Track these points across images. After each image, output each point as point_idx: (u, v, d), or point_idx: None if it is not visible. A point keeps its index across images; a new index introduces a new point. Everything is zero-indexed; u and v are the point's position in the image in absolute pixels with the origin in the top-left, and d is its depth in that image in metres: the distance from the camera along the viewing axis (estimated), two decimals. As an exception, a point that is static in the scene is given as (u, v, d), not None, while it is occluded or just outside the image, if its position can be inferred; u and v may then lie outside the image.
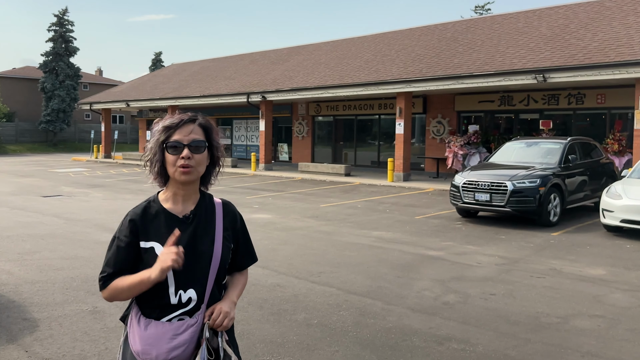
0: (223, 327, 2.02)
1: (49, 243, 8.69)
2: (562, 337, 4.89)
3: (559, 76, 15.10)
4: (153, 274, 1.96)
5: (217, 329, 2.02)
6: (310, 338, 4.80)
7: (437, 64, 18.68)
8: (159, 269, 1.94)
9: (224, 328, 2.03)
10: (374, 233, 9.83)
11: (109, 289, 2.07)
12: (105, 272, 2.08)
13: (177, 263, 1.92)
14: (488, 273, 7.11)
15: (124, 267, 2.07)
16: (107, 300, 2.13)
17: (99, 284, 2.11)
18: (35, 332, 4.88)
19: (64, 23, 46.08)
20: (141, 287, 2.01)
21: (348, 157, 25.48)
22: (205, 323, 2.00)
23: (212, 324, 2.00)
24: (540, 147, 12.21)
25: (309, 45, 29.14)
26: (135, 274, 2.03)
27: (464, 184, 11.08)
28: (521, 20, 20.53)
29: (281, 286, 6.40)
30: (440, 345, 4.68)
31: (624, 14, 17.30)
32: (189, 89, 28.20)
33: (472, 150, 19.35)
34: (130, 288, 2.03)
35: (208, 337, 1.99)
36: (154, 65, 58.08)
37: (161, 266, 1.94)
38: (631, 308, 5.73)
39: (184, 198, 2.13)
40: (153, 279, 1.96)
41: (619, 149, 16.22)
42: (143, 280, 1.99)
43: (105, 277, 2.08)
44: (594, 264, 7.64)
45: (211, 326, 2.00)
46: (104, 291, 2.09)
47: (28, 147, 43.88)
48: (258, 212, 12.30)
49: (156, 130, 2.09)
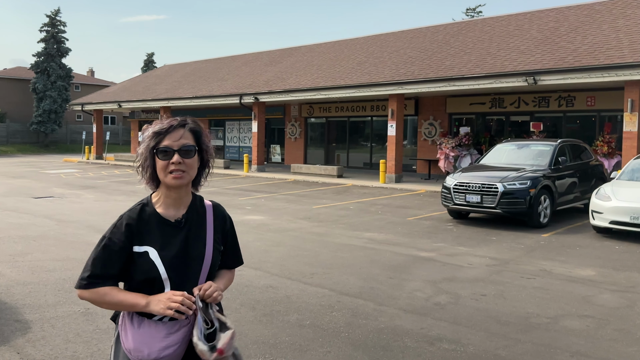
0: (213, 299, 2.05)
1: (41, 244, 8.66)
2: (551, 337, 4.94)
3: (550, 79, 15.22)
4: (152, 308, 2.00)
5: (206, 300, 2.05)
6: (303, 339, 4.82)
7: (429, 66, 18.77)
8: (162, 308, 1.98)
9: (213, 300, 2.05)
10: (366, 234, 9.87)
11: (94, 293, 2.06)
12: (91, 273, 2.06)
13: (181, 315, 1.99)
14: (479, 274, 7.17)
15: (111, 271, 2.07)
16: (84, 300, 2.11)
17: (80, 282, 2.08)
18: (27, 333, 4.87)
19: (56, 23, 45.84)
20: (129, 309, 2.06)
21: (340, 159, 25.52)
22: (197, 295, 2.03)
23: (203, 293, 2.04)
24: (531, 149, 12.30)
25: (302, 47, 29.18)
26: (130, 295, 2.05)
27: (455, 186, 11.15)
28: (512, 23, 20.67)
29: (274, 287, 6.42)
30: (432, 345, 4.72)
31: (613, 18, 17.46)
32: (181, 90, 28.14)
33: (463, 152, 19.44)
34: (118, 304, 2.07)
35: (202, 307, 2.03)
36: (146, 66, 57.86)
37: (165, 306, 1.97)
38: (620, 308, 5.80)
39: (176, 201, 2.15)
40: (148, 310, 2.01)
41: (609, 151, 16.35)
42: (135, 305, 2.03)
43: (90, 278, 2.06)
44: (583, 265, 7.72)
45: (202, 296, 2.04)
46: (87, 292, 2.07)
47: (19, 148, 43.58)
48: (251, 213, 12.31)
49: (146, 136, 2.12)
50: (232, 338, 2.03)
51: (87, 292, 2.07)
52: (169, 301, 1.97)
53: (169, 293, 2.01)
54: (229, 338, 2.02)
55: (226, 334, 2.02)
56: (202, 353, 1.96)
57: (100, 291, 2.06)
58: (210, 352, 1.97)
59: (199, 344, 1.97)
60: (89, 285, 2.06)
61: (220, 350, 1.98)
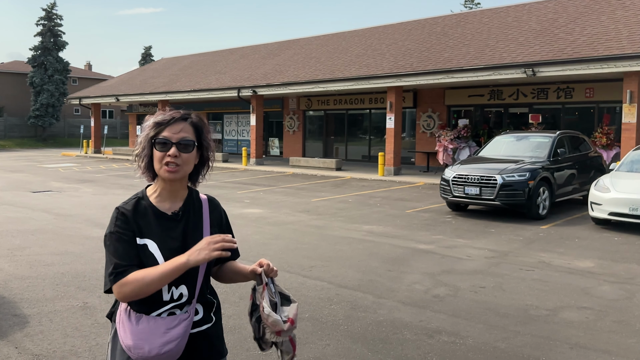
0: (274, 273, 2.11)
1: (39, 239, 8.64)
2: (550, 329, 4.94)
3: (548, 70, 15.19)
4: (193, 258, 1.91)
5: (270, 275, 2.11)
6: (302, 332, 4.82)
7: (428, 59, 18.71)
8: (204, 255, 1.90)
9: (275, 274, 2.12)
10: (365, 227, 9.87)
11: (130, 283, 1.91)
12: (118, 264, 1.95)
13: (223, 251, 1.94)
14: (478, 266, 7.17)
15: (134, 258, 1.98)
16: (125, 299, 1.96)
17: (108, 279, 1.95)
18: (25, 328, 4.86)
19: (53, 17, 45.67)
20: (174, 275, 1.93)
21: (339, 152, 25.50)
22: (262, 270, 2.10)
23: (267, 268, 2.10)
24: (530, 141, 12.29)
25: (300, 39, 29.08)
26: (166, 263, 1.94)
27: (454, 178, 11.13)
28: (511, 15, 20.60)
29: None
30: (431, 338, 4.72)
31: (612, 9, 17.40)
32: (179, 83, 28.06)
33: (462, 144, 19.43)
34: (163, 277, 1.92)
35: (267, 282, 2.09)
36: (143, 59, 57.69)
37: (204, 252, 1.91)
38: (618, 300, 5.80)
39: (172, 194, 2.12)
40: (192, 263, 1.91)
41: (607, 143, 16.35)
42: (178, 267, 1.92)
43: (118, 270, 1.94)
44: (582, 257, 7.72)
45: (266, 272, 2.10)
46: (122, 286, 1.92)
47: (17, 142, 43.51)
48: (249, 207, 12.30)
49: (147, 125, 2.09)
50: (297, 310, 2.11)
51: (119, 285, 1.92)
52: (210, 245, 1.92)
53: (206, 239, 1.95)
54: (296, 309, 2.09)
55: (293, 306, 2.09)
56: (275, 323, 2.00)
57: (136, 275, 1.92)
58: (283, 322, 2.02)
59: (271, 315, 2.00)
60: (119, 276, 1.93)
61: (291, 320, 2.04)
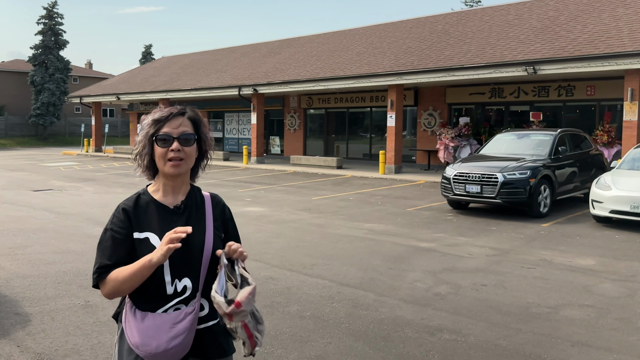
0: (239, 254, 2.04)
1: (40, 237, 8.65)
2: (552, 326, 4.94)
3: (549, 68, 15.17)
4: (155, 257, 1.93)
5: (233, 256, 2.05)
6: (304, 330, 4.82)
7: (429, 57, 18.69)
8: (161, 251, 1.91)
9: (239, 255, 2.04)
10: (366, 225, 9.87)
11: (108, 282, 2.00)
12: (102, 264, 2.02)
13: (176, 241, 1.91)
14: (479, 264, 7.17)
15: (121, 259, 2.02)
16: (107, 297, 2.05)
17: (93, 277, 2.04)
18: (27, 326, 4.87)
19: (53, 16, 45.63)
20: (143, 274, 1.97)
21: (340, 150, 25.49)
22: (223, 252, 2.04)
23: (228, 249, 2.04)
24: (531, 139, 12.28)
25: (301, 37, 29.06)
26: (135, 263, 1.98)
27: (455, 176, 11.13)
28: (511, 13, 20.58)
29: (274, 279, 6.41)
30: (433, 336, 4.72)
31: (613, 6, 17.37)
32: (180, 82, 28.05)
33: (463, 142, 19.42)
34: (132, 276, 1.97)
35: (226, 263, 2.03)
36: (144, 58, 57.65)
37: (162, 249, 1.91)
38: (620, 298, 5.80)
39: (174, 189, 2.14)
40: (155, 262, 1.93)
41: (609, 141, 16.34)
42: (145, 265, 1.95)
43: (101, 270, 2.02)
44: (583, 255, 7.72)
45: (227, 253, 2.03)
46: (103, 285, 2.02)
47: (18, 141, 43.52)
48: (250, 205, 12.30)
49: (145, 124, 2.10)
50: (252, 293, 1.99)
51: (105, 284, 2.01)
52: (163, 244, 1.92)
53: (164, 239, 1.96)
54: (248, 292, 1.98)
55: (245, 289, 1.99)
56: (219, 305, 1.95)
57: (111, 277, 2.00)
58: (227, 305, 1.94)
59: (216, 297, 1.95)
60: (100, 277, 2.02)
61: (237, 303, 1.95)
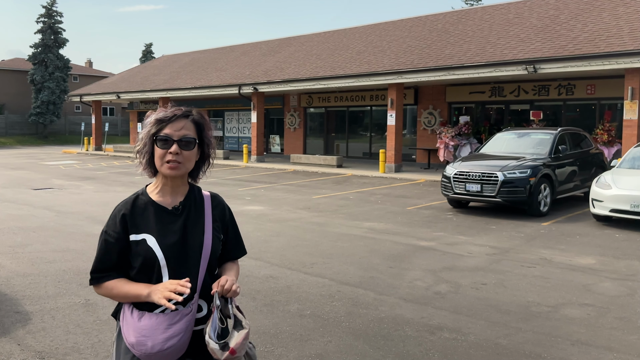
0: (232, 293, 2.00)
1: (41, 236, 8.65)
2: (552, 325, 4.94)
3: (549, 67, 15.16)
4: (152, 297, 1.98)
5: (226, 296, 2.00)
6: (304, 329, 4.82)
7: (429, 55, 18.68)
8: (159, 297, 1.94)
9: (233, 293, 2.00)
10: (366, 224, 9.87)
11: (103, 288, 2.11)
12: (94, 268, 2.11)
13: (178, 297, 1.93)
14: (479, 263, 7.17)
15: (111, 264, 2.09)
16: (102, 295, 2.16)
17: (89, 278, 2.14)
18: (27, 325, 4.87)
19: (53, 14, 45.59)
20: (134, 299, 2.05)
21: (340, 149, 25.49)
22: (216, 292, 1.99)
23: (221, 290, 1.99)
24: (531, 138, 12.27)
25: (301, 36, 29.04)
26: (134, 286, 2.05)
27: (455, 175, 11.13)
28: (512, 11, 20.56)
29: (274, 277, 6.42)
30: (432, 334, 4.72)
31: (613, 5, 17.36)
32: (180, 80, 28.04)
33: (463, 141, 19.42)
34: (125, 296, 2.07)
35: (219, 305, 1.98)
36: (144, 56, 57.65)
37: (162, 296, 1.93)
38: (620, 297, 5.80)
39: (173, 190, 2.14)
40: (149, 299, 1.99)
41: (609, 139, 16.34)
42: (140, 295, 2.02)
43: (94, 274, 2.11)
44: (583, 254, 7.72)
45: (221, 293, 1.99)
46: (98, 288, 2.13)
47: (18, 139, 43.51)
48: (250, 204, 12.30)
49: (148, 122, 2.09)
50: (246, 338, 1.97)
51: (100, 288, 2.12)
52: (165, 290, 1.94)
53: (167, 282, 1.98)
54: (243, 338, 1.95)
55: (240, 333, 1.96)
56: (213, 352, 1.93)
57: (108, 285, 2.09)
58: (222, 352, 1.91)
59: (210, 343, 1.93)
60: (96, 281, 2.12)
61: (232, 350, 1.92)
